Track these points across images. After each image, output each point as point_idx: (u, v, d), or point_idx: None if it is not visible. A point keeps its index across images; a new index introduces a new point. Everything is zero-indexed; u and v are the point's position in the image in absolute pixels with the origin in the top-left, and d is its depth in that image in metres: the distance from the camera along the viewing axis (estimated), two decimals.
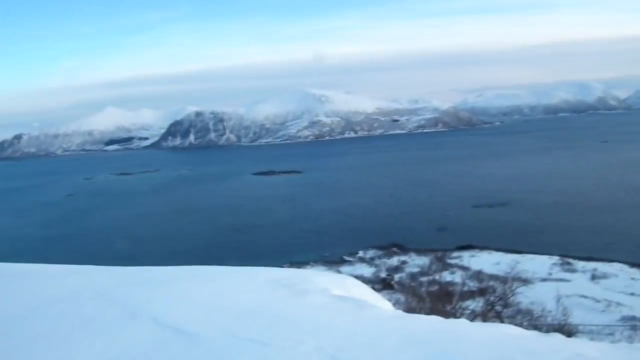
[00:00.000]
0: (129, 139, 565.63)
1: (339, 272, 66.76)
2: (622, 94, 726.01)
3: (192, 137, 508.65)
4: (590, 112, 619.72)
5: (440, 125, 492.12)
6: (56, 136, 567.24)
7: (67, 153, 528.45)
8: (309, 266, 78.03)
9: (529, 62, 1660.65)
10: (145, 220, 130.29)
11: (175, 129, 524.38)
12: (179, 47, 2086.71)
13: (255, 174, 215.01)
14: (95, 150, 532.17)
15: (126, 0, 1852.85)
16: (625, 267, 72.18)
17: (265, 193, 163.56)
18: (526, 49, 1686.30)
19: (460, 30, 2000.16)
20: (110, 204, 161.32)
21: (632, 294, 60.85)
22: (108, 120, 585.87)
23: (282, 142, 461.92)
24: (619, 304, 56.61)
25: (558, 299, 22.49)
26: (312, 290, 9.77)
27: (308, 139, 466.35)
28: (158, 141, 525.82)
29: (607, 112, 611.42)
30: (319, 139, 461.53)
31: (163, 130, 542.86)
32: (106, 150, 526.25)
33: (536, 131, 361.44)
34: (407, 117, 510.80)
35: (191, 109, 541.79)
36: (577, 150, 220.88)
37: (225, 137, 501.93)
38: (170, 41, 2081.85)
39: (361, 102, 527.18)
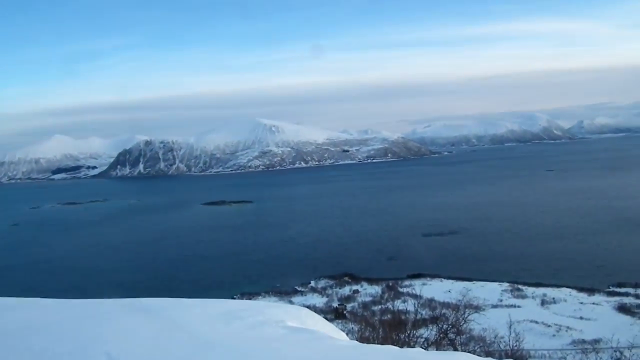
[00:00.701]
0: (76, 168, 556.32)
1: (291, 302, 66.53)
2: (565, 124, 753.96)
3: (141, 167, 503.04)
4: (536, 141, 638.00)
5: (389, 155, 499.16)
6: (1, 164, 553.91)
7: (12, 181, 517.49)
8: (260, 297, 77.50)
9: (476, 93, 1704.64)
10: (93, 251, 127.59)
11: (125, 158, 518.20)
12: (129, 75, 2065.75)
13: (206, 203, 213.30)
14: (42, 178, 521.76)
15: (76, 27, 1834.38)
16: (574, 292, 74.01)
17: (215, 223, 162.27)
18: (472, 81, 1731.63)
19: (408, 62, 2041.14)
20: (57, 234, 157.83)
21: (581, 317, 62.17)
22: (55, 149, 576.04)
23: (233, 171, 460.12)
24: (569, 328, 57.69)
25: (510, 325, 22.61)
26: (266, 322, 9.64)
27: (259, 169, 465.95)
28: (107, 170, 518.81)
29: (551, 141, 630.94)
30: (270, 169, 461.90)
31: (112, 159, 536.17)
32: (53, 179, 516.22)
33: (484, 160, 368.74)
34: (357, 148, 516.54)
35: (141, 137, 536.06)
36: (523, 178, 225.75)
37: (175, 166, 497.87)
38: (121, 69, 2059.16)
39: (311, 133, 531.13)
